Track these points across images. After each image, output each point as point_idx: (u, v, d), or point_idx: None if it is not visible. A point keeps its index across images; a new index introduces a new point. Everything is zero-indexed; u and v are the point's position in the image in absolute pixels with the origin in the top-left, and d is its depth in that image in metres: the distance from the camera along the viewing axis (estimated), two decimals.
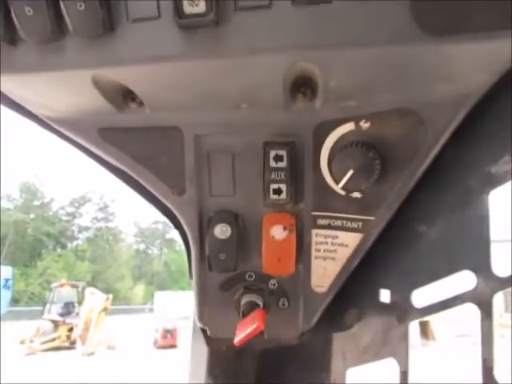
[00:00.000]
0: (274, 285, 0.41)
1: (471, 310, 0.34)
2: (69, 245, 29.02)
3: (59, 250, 27.36)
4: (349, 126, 0.35)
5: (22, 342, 10.63)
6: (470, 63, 0.28)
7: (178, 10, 0.27)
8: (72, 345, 10.65)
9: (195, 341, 0.50)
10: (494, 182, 0.34)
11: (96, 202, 29.86)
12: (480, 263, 0.34)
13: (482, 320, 0.34)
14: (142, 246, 32.51)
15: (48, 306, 11.83)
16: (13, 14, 0.29)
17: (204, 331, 0.45)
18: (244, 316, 0.39)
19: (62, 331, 10.94)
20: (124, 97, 0.36)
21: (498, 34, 0.26)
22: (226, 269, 0.39)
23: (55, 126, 0.41)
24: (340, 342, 0.45)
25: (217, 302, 0.42)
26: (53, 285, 12.99)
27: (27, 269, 24.89)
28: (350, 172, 0.33)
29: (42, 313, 11.75)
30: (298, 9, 0.26)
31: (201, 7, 0.27)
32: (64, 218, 28.97)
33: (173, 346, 10.62)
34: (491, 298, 0.33)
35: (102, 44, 0.29)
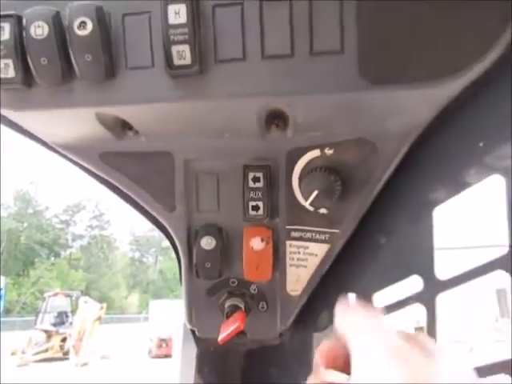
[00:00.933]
0: (254, 290, 0.46)
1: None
2: (62, 253, 28.68)
3: (52, 259, 27.04)
4: (315, 153, 0.41)
5: (14, 353, 10.43)
6: (410, 104, 0.34)
7: (169, 62, 0.33)
8: (65, 355, 10.47)
9: (185, 344, 0.55)
10: (438, 201, 0.40)
11: (91, 210, 29.65)
12: (425, 269, 0.40)
13: (428, 317, 0.39)
14: (137, 255, 32.23)
15: (41, 315, 11.63)
16: (30, 63, 0.34)
17: (193, 332, 0.50)
18: (227, 317, 0.44)
19: (55, 341, 10.76)
20: (122, 127, 0.42)
21: (430, 84, 0.32)
22: (212, 276, 0.45)
23: (60, 150, 0.46)
24: (315, 341, 0.50)
25: (204, 305, 0.47)
26: (46, 294, 12.80)
27: (20, 278, 24.56)
28: (316, 192, 0.38)
29: (34, 323, 11.58)
30: (267, 62, 0.32)
31: (187, 60, 0.32)
32: (58, 225, 28.69)
33: (168, 356, 10.50)
34: (435, 298, 0.39)
35: (104, 87, 0.35)
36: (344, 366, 0.30)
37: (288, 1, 0.32)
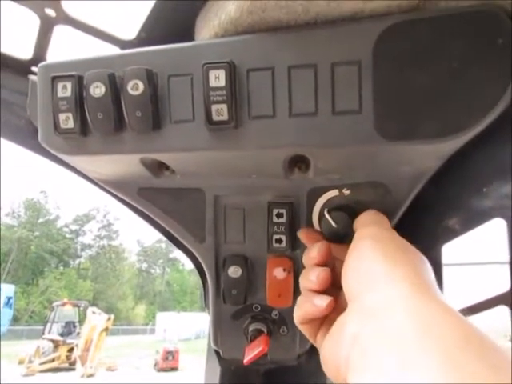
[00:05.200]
0: (276, 315, 0.50)
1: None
2: (71, 263, 28.86)
3: (61, 268, 27.20)
4: (334, 193, 0.45)
5: (21, 362, 10.45)
6: (420, 156, 0.39)
7: (209, 118, 0.38)
8: (71, 366, 10.44)
9: (209, 362, 0.59)
10: (446, 239, 0.44)
11: (100, 220, 29.91)
12: None
13: None
14: (145, 265, 32.24)
15: (49, 325, 11.65)
16: (87, 116, 0.40)
17: (217, 353, 0.54)
18: (251, 340, 0.48)
19: (62, 351, 10.75)
20: (160, 167, 0.47)
21: (438, 140, 0.36)
22: (238, 302, 0.49)
23: (101, 184, 0.51)
24: None
25: (229, 328, 0.51)
26: (54, 303, 12.85)
27: (29, 287, 24.72)
28: (333, 227, 0.43)
29: (42, 332, 11.60)
30: (294, 119, 0.37)
31: (225, 116, 0.37)
32: (68, 235, 28.95)
33: (174, 369, 10.41)
34: None
35: (151, 137, 0.40)
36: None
37: (313, 67, 0.36)
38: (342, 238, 0.44)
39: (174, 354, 10.64)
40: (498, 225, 0.39)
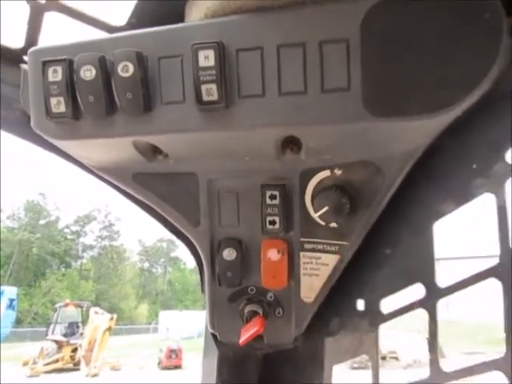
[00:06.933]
0: (271, 297, 0.50)
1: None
2: (73, 264, 28.90)
3: (63, 270, 27.24)
4: (326, 173, 0.45)
5: (25, 364, 10.47)
6: (408, 133, 0.39)
7: (199, 98, 0.38)
8: (76, 366, 10.46)
9: (207, 349, 0.60)
10: (437, 215, 0.44)
11: (101, 221, 29.94)
12: (427, 277, 0.44)
13: (430, 321, 0.43)
14: (147, 265, 32.29)
15: (52, 326, 11.67)
16: (79, 100, 0.40)
17: (214, 336, 0.55)
18: (247, 322, 0.49)
19: (66, 352, 10.77)
20: (153, 151, 0.47)
21: (425, 116, 0.36)
22: (233, 284, 0.49)
23: (96, 171, 0.52)
24: (326, 344, 0.54)
25: (225, 311, 0.51)
26: (57, 304, 12.87)
27: (31, 289, 24.77)
28: (326, 208, 0.43)
29: (46, 333, 11.62)
30: (283, 98, 0.38)
31: (215, 96, 0.38)
32: (69, 236, 28.96)
33: (178, 367, 10.44)
34: (436, 304, 0.43)
35: (142, 119, 0.40)
36: None
37: (301, 46, 0.37)
38: (334, 218, 0.44)
39: (177, 353, 10.67)
40: (487, 200, 0.40)
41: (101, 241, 29.81)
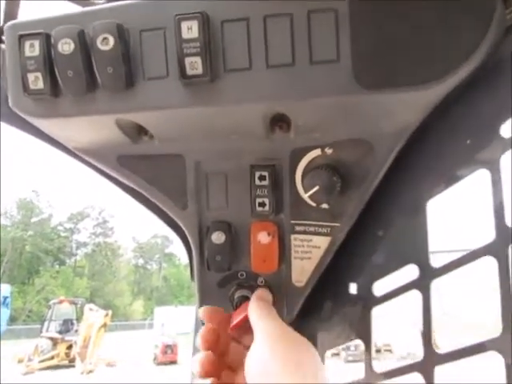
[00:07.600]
0: (262, 282, 0.49)
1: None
2: (67, 261, 28.73)
3: (57, 267, 27.08)
4: (316, 152, 0.44)
5: (20, 361, 10.42)
6: (400, 106, 0.38)
7: (182, 72, 0.36)
8: (71, 363, 10.42)
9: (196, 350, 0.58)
10: (430, 194, 0.43)
11: (95, 217, 29.75)
12: (421, 258, 0.43)
13: (424, 302, 0.42)
14: (141, 261, 32.21)
15: (46, 323, 11.61)
16: (57, 76, 0.38)
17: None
18: (237, 308, 0.48)
19: (61, 349, 10.73)
20: (138, 132, 0.46)
21: (416, 88, 0.35)
22: (222, 268, 0.48)
23: (79, 154, 0.50)
24: (319, 329, 0.53)
25: (215, 297, 0.50)
26: (51, 302, 12.80)
27: (25, 286, 24.60)
28: (316, 187, 0.42)
29: (40, 330, 11.57)
30: (271, 70, 0.36)
31: (199, 70, 0.36)
32: (62, 234, 28.77)
33: (173, 362, 10.46)
34: (430, 285, 0.42)
35: (124, 96, 0.39)
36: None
37: (289, 16, 0.35)
38: (325, 198, 0.43)
39: (172, 348, 10.67)
40: (482, 176, 0.39)
41: (95, 238, 29.64)
